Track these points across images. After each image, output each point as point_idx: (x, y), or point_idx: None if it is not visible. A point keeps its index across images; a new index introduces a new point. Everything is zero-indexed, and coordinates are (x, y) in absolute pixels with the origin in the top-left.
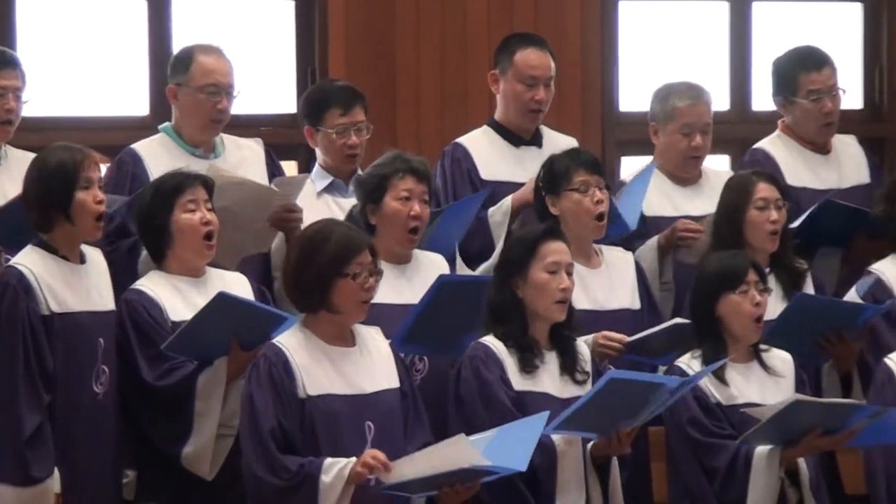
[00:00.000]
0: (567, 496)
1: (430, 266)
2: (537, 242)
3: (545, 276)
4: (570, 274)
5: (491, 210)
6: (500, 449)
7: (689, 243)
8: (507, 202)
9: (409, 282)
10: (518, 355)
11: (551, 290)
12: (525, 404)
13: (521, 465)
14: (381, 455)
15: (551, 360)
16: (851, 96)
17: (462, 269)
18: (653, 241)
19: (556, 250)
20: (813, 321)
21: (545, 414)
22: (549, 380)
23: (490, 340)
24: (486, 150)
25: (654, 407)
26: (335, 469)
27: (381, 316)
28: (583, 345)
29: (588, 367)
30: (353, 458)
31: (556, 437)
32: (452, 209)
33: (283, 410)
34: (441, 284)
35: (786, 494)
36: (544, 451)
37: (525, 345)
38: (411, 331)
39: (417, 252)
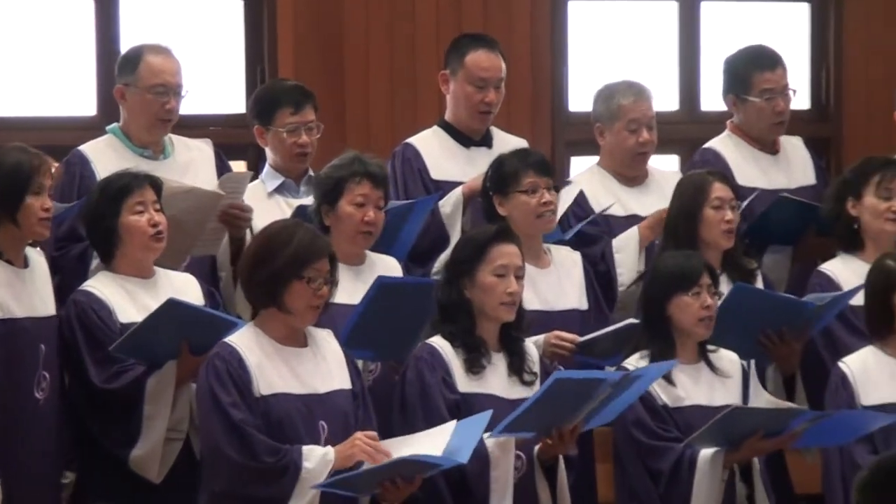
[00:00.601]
0: (499, 502)
1: (384, 269)
2: (487, 244)
3: (493, 279)
4: (520, 277)
5: (441, 202)
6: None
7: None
8: (457, 192)
9: (364, 284)
10: (465, 356)
11: (498, 293)
12: (471, 405)
13: (464, 457)
14: (374, 437)
15: (499, 361)
16: (798, 96)
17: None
18: (634, 232)
19: (505, 253)
20: (753, 316)
21: (489, 412)
22: (496, 381)
23: (437, 341)
24: (436, 151)
25: (596, 402)
26: (317, 455)
27: (336, 317)
28: (531, 346)
29: (536, 368)
30: (330, 447)
31: (490, 443)
32: (398, 210)
33: (248, 407)
34: (380, 286)
35: (734, 495)
36: (477, 456)
37: (472, 345)
38: (352, 333)
39: (372, 254)
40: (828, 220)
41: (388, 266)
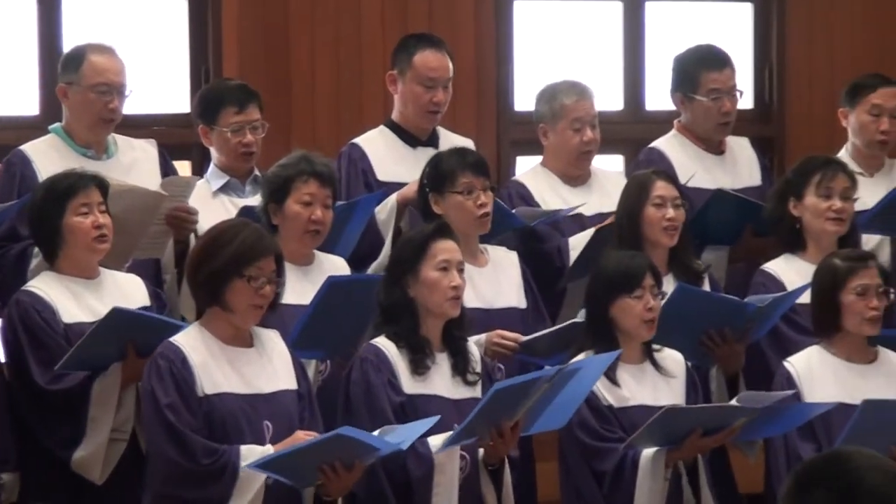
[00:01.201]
0: (442, 476)
1: (332, 268)
2: (428, 241)
3: (436, 273)
4: (461, 272)
5: (377, 208)
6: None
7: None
8: (392, 199)
9: (312, 284)
10: (410, 357)
11: (443, 287)
12: (416, 407)
13: (404, 444)
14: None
15: (443, 361)
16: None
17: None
18: (590, 232)
19: (446, 248)
20: (696, 317)
21: (436, 417)
22: (440, 381)
23: (381, 342)
24: (382, 151)
25: (532, 399)
26: (256, 454)
27: (284, 317)
28: (473, 345)
29: (479, 368)
30: (269, 446)
31: (436, 447)
32: (342, 209)
33: (188, 407)
34: (330, 285)
35: (681, 494)
36: (421, 461)
37: (417, 345)
38: (303, 334)
39: (319, 254)
40: (770, 220)
41: (336, 265)
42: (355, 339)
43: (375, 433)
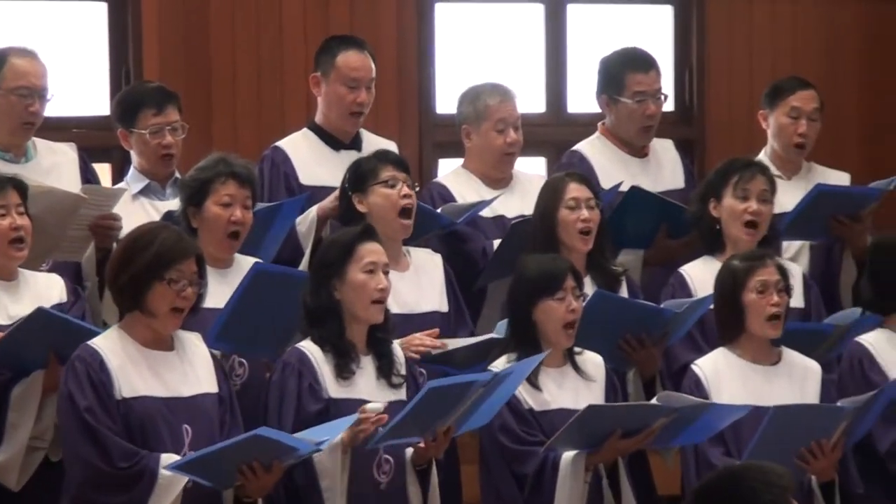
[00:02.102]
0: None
1: None
2: (354, 243)
3: (363, 276)
4: (386, 274)
5: (298, 219)
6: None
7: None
8: (312, 212)
9: (230, 287)
10: (335, 361)
11: (369, 290)
12: (341, 410)
13: (324, 445)
14: None
15: (368, 364)
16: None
17: None
18: None
19: (372, 251)
20: (613, 322)
21: (354, 416)
22: (365, 385)
23: (307, 346)
24: (305, 154)
25: (468, 403)
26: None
27: (202, 321)
28: (398, 347)
29: (403, 370)
30: (191, 453)
31: (318, 454)
32: (265, 212)
33: (105, 410)
34: (256, 273)
35: (602, 497)
36: (305, 467)
37: (342, 349)
38: (225, 325)
39: (239, 257)
40: (692, 221)
41: None
42: (283, 340)
43: (298, 435)
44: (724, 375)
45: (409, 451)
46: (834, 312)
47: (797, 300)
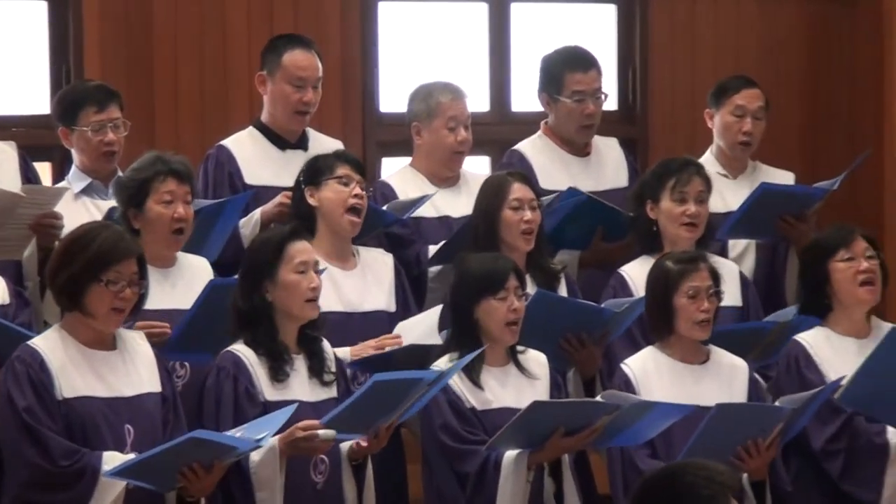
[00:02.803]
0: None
1: (195, 270)
2: (284, 243)
3: (295, 276)
4: (317, 272)
5: (242, 221)
6: (243, 434)
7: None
8: (255, 215)
9: (173, 287)
10: (269, 364)
11: (302, 289)
12: None
13: (264, 441)
14: None
15: (300, 365)
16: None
17: None
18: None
19: (302, 250)
20: (554, 322)
21: (294, 405)
22: (298, 386)
23: (240, 349)
24: (250, 153)
25: (412, 401)
26: (119, 461)
27: (146, 320)
28: (327, 344)
29: (334, 368)
30: (134, 454)
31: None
32: (209, 210)
33: (46, 410)
34: (212, 288)
35: (542, 492)
36: (243, 482)
37: (276, 352)
38: (183, 336)
39: (181, 255)
40: (629, 221)
41: (199, 267)
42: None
43: (235, 433)
44: (654, 375)
45: (345, 447)
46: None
47: (734, 299)
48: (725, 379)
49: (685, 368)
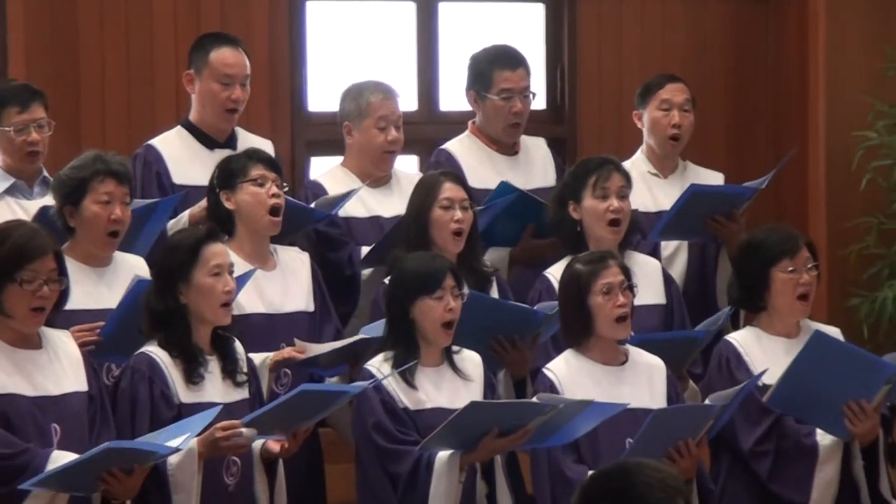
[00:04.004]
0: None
1: (131, 269)
2: (199, 246)
3: (210, 279)
4: (231, 274)
5: (170, 223)
6: (164, 437)
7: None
8: (184, 217)
9: (108, 287)
10: (183, 366)
11: (217, 293)
12: (191, 415)
13: (183, 445)
14: None
15: (214, 367)
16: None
17: None
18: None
19: (217, 252)
20: (486, 323)
21: (217, 408)
22: (212, 387)
23: (154, 350)
24: (178, 153)
25: (330, 410)
26: (64, 461)
27: (80, 322)
28: (240, 345)
29: (245, 368)
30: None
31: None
32: (141, 210)
33: None
34: (140, 291)
35: (475, 493)
36: (160, 486)
37: (190, 355)
38: (113, 337)
39: (118, 254)
40: (552, 223)
41: (135, 266)
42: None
43: (155, 437)
44: (576, 378)
45: (257, 447)
46: (709, 311)
47: (658, 296)
48: (645, 379)
49: (605, 370)
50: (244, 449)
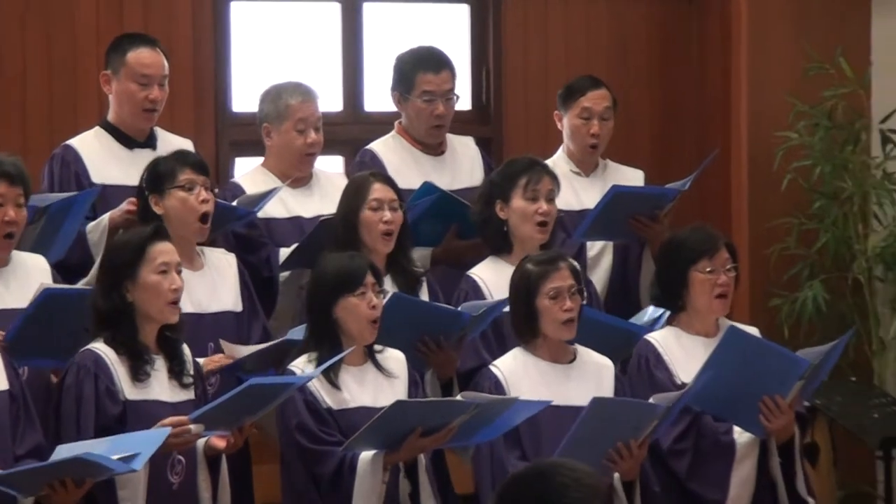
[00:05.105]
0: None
1: (30, 269)
2: (145, 244)
3: (156, 277)
4: (179, 273)
5: (89, 226)
6: (116, 450)
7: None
8: (104, 220)
9: (6, 287)
10: (129, 363)
11: (163, 291)
12: (137, 412)
13: (138, 465)
14: None
15: (160, 366)
16: (460, 98)
17: None
18: None
19: (164, 251)
20: (411, 324)
21: (167, 430)
22: (158, 386)
23: (100, 347)
24: (97, 153)
25: (274, 404)
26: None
27: None
28: (187, 347)
29: (192, 370)
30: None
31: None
32: (59, 207)
33: None
34: (47, 297)
35: (398, 493)
36: (105, 481)
37: (136, 352)
38: (17, 342)
39: (16, 254)
40: (477, 222)
41: (34, 266)
42: (70, 347)
43: (104, 444)
44: (522, 375)
45: (200, 445)
46: (633, 311)
47: None
48: (593, 378)
49: (553, 368)
50: (191, 445)
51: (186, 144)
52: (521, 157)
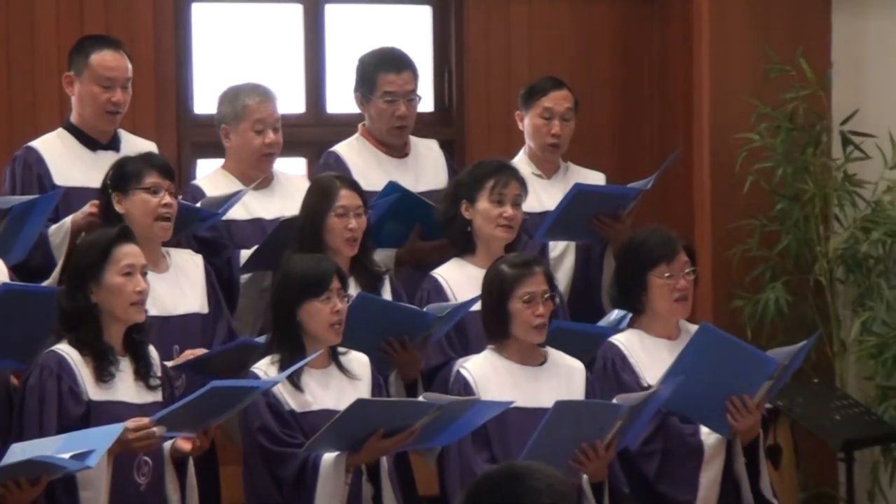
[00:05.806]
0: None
1: None
2: (111, 246)
3: (120, 279)
4: (144, 275)
5: (52, 229)
6: (70, 447)
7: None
8: (66, 223)
9: None
10: (94, 364)
11: (127, 292)
12: (101, 413)
13: (91, 461)
14: None
15: (126, 367)
16: (422, 99)
17: None
18: None
19: (129, 253)
20: (376, 324)
21: (121, 425)
22: (124, 387)
23: (64, 348)
24: (60, 155)
25: (239, 407)
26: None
27: None
28: (153, 350)
29: (160, 373)
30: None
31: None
32: (21, 209)
33: None
34: (4, 292)
35: (361, 495)
36: (66, 482)
37: (101, 352)
38: None
39: None
40: (442, 222)
41: None
42: (33, 348)
43: (59, 441)
44: (492, 377)
45: (167, 447)
46: (595, 312)
47: None
48: (563, 380)
49: (523, 370)
50: (155, 446)
51: (150, 147)
52: (490, 159)
